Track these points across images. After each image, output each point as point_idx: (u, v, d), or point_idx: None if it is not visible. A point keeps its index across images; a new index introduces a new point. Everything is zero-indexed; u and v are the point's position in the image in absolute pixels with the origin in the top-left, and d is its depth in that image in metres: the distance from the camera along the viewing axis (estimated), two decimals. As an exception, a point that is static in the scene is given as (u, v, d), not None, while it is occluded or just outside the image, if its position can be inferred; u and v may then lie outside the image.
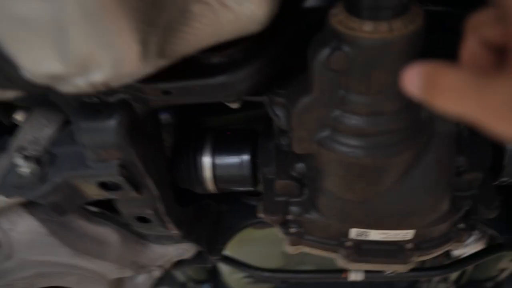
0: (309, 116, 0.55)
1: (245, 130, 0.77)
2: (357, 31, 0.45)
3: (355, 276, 1.01)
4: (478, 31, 0.29)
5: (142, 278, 0.97)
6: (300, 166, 0.66)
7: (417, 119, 0.56)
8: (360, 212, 0.63)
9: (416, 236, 0.67)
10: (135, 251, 0.85)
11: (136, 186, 0.62)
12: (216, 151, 0.75)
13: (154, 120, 0.67)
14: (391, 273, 1.02)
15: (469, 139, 0.68)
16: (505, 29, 0.25)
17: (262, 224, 0.96)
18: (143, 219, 0.71)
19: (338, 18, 0.47)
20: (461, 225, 0.70)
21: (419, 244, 0.69)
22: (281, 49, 0.57)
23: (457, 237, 0.70)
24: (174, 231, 0.76)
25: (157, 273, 0.95)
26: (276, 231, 0.75)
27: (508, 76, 0.23)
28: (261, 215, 0.74)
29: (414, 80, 0.32)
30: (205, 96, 0.55)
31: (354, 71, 0.48)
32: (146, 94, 0.55)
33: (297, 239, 0.71)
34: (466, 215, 0.70)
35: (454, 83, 0.27)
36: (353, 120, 0.53)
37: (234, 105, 0.64)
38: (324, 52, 0.48)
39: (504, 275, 1.41)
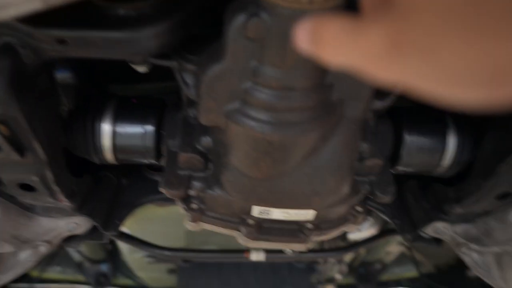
0: (219, 86, 0.52)
1: (152, 99, 0.72)
2: (275, -1, 0.43)
3: (256, 256, 1.02)
4: None
5: (25, 254, 0.87)
6: (206, 139, 0.63)
7: (328, 100, 0.56)
8: (263, 190, 0.62)
9: (316, 216, 0.68)
10: (17, 224, 0.76)
11: (19, 147, 0.55)
12: (118, 118, 0.69)
13: (48, 75, 0.60)
14: (291, 252, 1.04)
15: (374, 128, 0.71)
16: None
17: (165, 201, 0.92)
18: (27, 187, 0.63)
19: None
20: (358, 208, 0.72)
21: (318, 225, 0.70)
22: (196, 12, 0.53)
23: (353, 219, 0.72)
24: (65, 203, 0.69)
25: (43, 249, 0.86)
26: (179, 209, 0.72)
27: (383, 18, 0.22)
28: (162, 189, 0.70)
29: (303, 35, 0.31)
30: (107, 51, 0.49)
31: (270, 41, 0.46)
32: (37, 40, 0.48)
33: (198, 215, 0.69)
34: (363, 199, 0.73)
35: (334, 33, 0.26)
36: (264, 94, 0.51)
37: (141, 69, 0.59)
38: (241, 18, 0.45)
39: (391, 257, 1.53)
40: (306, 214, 0.67)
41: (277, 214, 0.66)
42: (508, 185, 0.70)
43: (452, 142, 0.76)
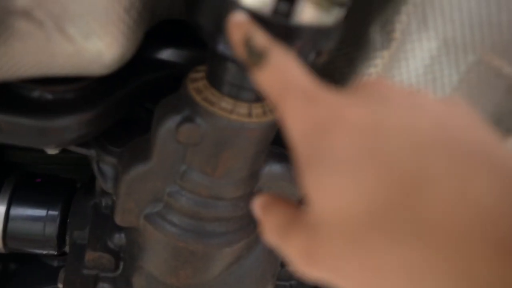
0: (141, 187, 0.46)
1: (60, 179, 0.63)
2: (215, 106, 0.40)
3: None
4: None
5: None
6: (119, 237, 0.56)
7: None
8: (180, 299, 0.56)
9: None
10: None
11: None
12: (15, 198, 0.59)
13: None
14: None
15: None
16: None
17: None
18: None
19: (197, 85, 0.41)
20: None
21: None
22: (122, 101, 0.48)
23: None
24: None
25: None
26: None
27: (299, 232, 0.24)
28: (61, 286, 0.60)
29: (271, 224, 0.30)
30: (14, 137, 0.42)
31: (202, 148, 0.42)
32: None
33: (99, 324, 0.59)
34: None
35: (272, 225, 0.28)
36: (190, 200, 0.46)
37: (52, 151, 0.51)
38: (174, 120, 0.41)
39: None
40: (224, 326, 0.61)
41: (192, 326, 0.59)
42: None
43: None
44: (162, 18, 0.46)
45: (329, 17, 0.32)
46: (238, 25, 0.29)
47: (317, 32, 0.32)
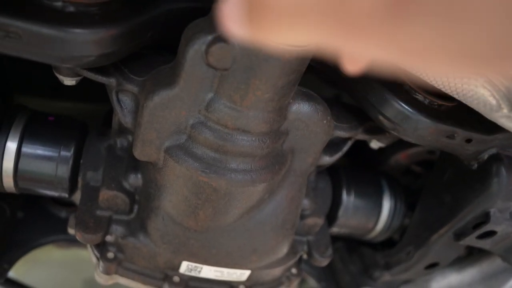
0: (164, 115, 0.44)
1: (73, 120, 0.60)
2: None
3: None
4: None
5: None
6: (135, 177, 0.53)
7: (280, 150, 0.50)
8: (197, 243, 0.53)
9: (250, 277, 0.60)
10: None
11: None
12: (27, 136, 0.56)
13: None
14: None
15: (314, 183, 0.67)
16: None
17: (68, 243, 0.78)
18: None
19: None
20: (294, 271, 0.65)
21: (250, 287, 0.62)
22: (146, 25, 0.45)
23: (287, 282, 0.65)
24: None
25: None
26: (81, 252, 0.59)
27: None
28: (71, 230, 0.57)
29: (232, 11, 0.20)
30: (31, 49, 0.39)
31: (233, 73, 0.40)
32: None
33: (113, 267, 0.57)
34: (299, 260, 0.67)
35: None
36: (215, 133, 0.44)
37: (69, 81, 0.49)
38: (204, 40, 0.39)
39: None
40: (241, 274, 0.59)
41: (209, 272, 0.57)
42: (437, 256, 0.69)
43: (386, 207, 0.75)
44: None
45: None
46: None
47: None
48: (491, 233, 0.62)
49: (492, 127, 0.51)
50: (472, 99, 0.44)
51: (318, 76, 0.65)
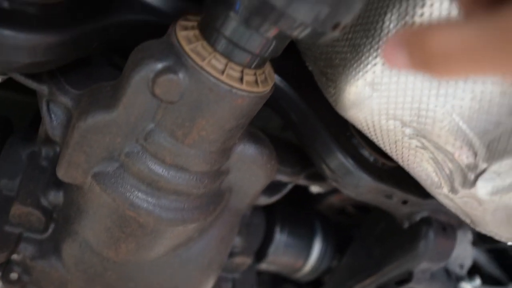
0: (97, 139, 0.40)
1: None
2: (204, 61, 0.35)
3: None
4: None
5: None
6: (56, 194, 0.48)
7: (217, 189, 0.47)
8: (115, 275, 0.49)
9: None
10: None
11: None
12: None
13: None
14: None
15: (249, 218, 0.65)
16: None
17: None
18: None
19: (187, 34, 0.36)
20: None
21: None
22: (91, 35, 0.41)
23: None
24: None
25: None
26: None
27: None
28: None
29: (396, 52, 0.22)
30: None
31: (179, 108, 0.37)
32: None
33: (13, 291, 0.51)
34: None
35: (451, 40, 0.19)
36: (150, 166, 0.41)
37: (-5, 79, 0.43)
38: (153, 67, 0.35)
39: None
40: (156, 312, 0.55)
41: (121, 307, 0.53)
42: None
43: (317, 249, 0.75)
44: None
45: None
46: None
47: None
48: (412, 291, 0.63)
49: (427, 193, 0.52)
50: (415, 171, 0.44)
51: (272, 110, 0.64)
